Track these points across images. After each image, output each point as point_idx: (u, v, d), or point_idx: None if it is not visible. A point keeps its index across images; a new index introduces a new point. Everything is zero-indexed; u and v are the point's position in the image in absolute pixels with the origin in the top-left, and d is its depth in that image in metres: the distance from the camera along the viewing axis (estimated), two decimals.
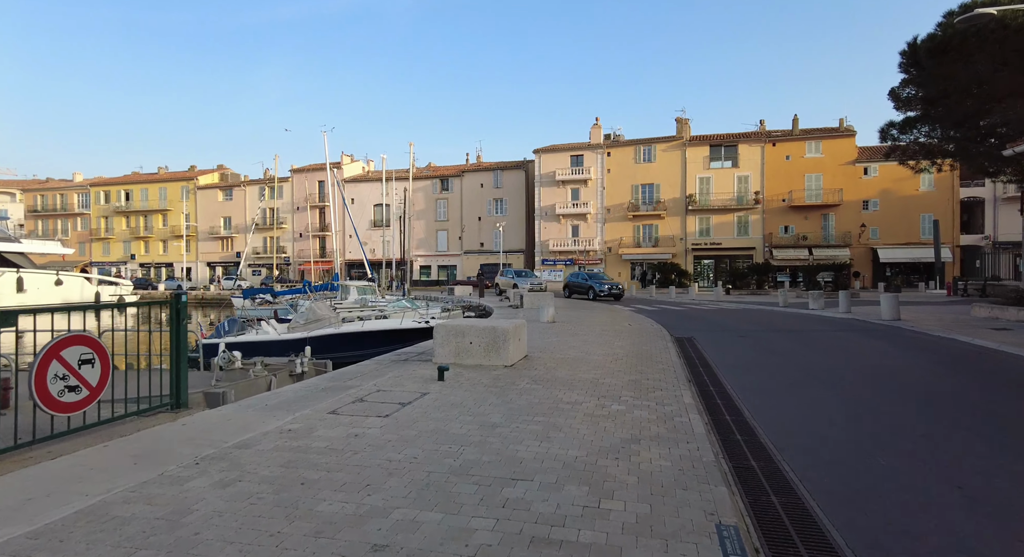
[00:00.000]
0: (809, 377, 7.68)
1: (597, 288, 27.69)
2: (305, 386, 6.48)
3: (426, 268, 56.06)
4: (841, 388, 6.96)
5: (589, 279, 29.16)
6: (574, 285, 29.87)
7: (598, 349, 9.82)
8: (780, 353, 9.80)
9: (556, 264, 49.92)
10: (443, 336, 8.02)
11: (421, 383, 6.64)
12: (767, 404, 6.12)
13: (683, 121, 47.61)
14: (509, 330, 7.87)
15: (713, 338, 12.17)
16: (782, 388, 7.00)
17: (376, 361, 8.34)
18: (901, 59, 17.74)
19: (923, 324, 13.36)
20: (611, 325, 14.52)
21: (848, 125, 44.69)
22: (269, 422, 4.92)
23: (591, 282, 28.47)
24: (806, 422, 5.39)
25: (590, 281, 28.77)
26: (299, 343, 14.43)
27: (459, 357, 7.97)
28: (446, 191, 55.40)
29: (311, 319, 14.93)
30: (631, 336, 12.00)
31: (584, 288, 28.60)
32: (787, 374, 7.92)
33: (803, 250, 43.45)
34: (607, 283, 28.43)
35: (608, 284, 28.25)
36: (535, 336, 11.63)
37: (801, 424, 5.33)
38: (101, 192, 65.19)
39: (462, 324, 8.00)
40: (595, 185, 48.95)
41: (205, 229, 63.08)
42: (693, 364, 8.60)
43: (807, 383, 7.30)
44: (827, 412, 5.77)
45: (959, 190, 41.41)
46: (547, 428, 4.77)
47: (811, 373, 7.97)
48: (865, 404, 6.11)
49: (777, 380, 7.49)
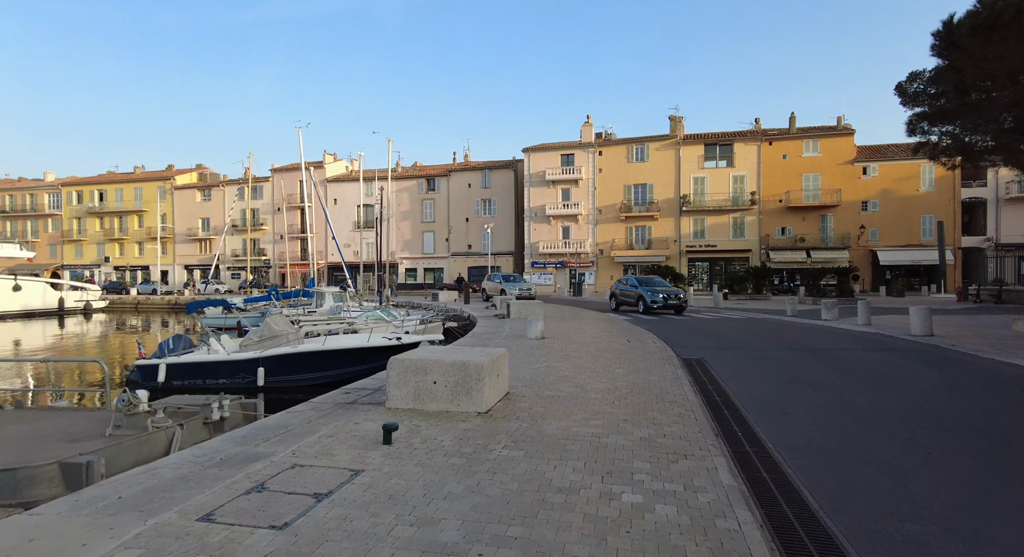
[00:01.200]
0: (872, 427, 6.00)
1: (649, 298, 21.45)
2: (195, 457, 4.69)
3: (412, 271, 54.19)
4: (925, 450, 5.26)
5: (639, 286, 22.73)
6: (622, 295, 23.69)
7: (596, 380, 8.09)
8: (817, 386, 8.12)
9: (546, 267, 48.27)
10: (399, 374, 6.26)
11: (359, 449, 4.87)
12: (834, 479, 4.41)
13: (677, 119, 46.13)
14: (484, 366, 6.12)
15: (726, 360, 10.50)
16: (844, 447, 5.30)
17: (314, 405, 6.55)
18: (934, 41, 16.21)
19: (965, 342, 11.76)
20: (608, 342, 12.82)
21: (846, 124, 43.43)
22: (94, 548, 3.14)
23: (641, 289, 22.23)
24: (908, 517, 3.68)
25: (640, 288, 22.44)
26: (251, 364, 12.63)
27: (420, 401, 6.22)
28: (432, 191, 53.57)
29: (266, 335, 13.10)
30: (632, 358, 10.29)
31: (633, 298, 22.56)
32: (841, 422, 6.23)
33: (801, 252, 42.11)
34: (662, 290, 22.02)
35: (663, 291, 21.90)
36: (520, 360, 9.89)
37: (900, 523, 3.61)
38: (73, 192, 62.67)
39: (424, 358, 6.25)
40: (586, 185, 47.34)
41: (183, 231, 60.79)
42: (714, 404, 6.90)
43: (876, 439, 5.61)
44: (932, 497, 4.07)
45: (960, 190, 40.23)
46: (527, 552, 3.03)
47: (872, 421, 6.29)
48: (976, 484, 4.42)
49: (832, 433, 5.79)
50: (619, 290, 24.04)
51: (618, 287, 24.30)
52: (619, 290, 24.04)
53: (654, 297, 21.45)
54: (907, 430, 5.87)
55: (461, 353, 6.68)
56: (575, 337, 13.71)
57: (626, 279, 24.43)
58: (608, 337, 13.81)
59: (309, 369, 12.59)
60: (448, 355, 6.43)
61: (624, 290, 23.53)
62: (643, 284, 22.83)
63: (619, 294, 23.91)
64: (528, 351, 11.16)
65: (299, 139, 32.86)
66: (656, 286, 22.59)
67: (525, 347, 11.77)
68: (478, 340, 13.05)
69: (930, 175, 40.58)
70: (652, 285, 22.66)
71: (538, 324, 13.16)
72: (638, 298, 21.97)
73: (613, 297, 24.40)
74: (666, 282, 24.35)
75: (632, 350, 11.43)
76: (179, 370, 12.55)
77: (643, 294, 21.74)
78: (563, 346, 12.00)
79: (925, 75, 26.66)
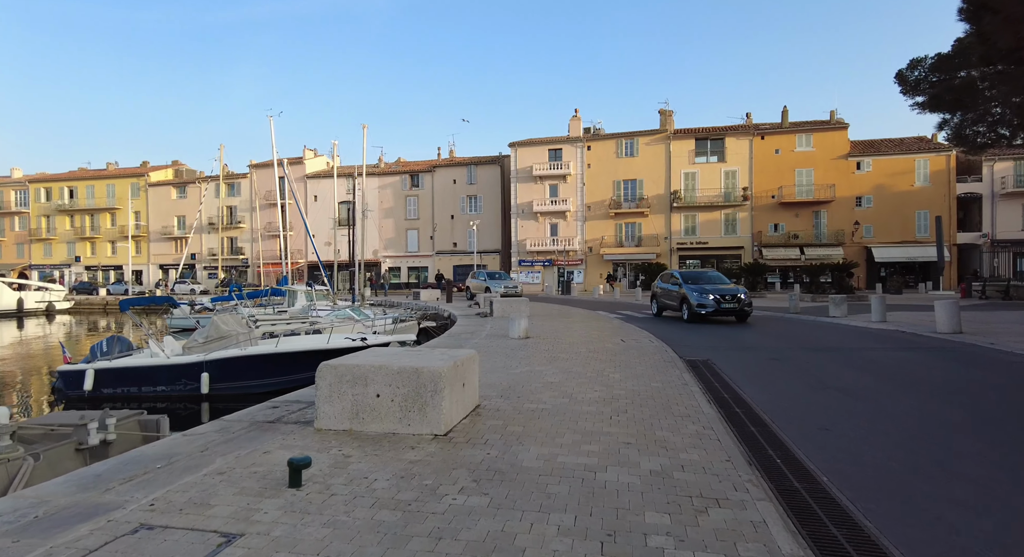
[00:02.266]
0: (941, 447, 4.63)
1: (695, 300, 15.58)
2: (16, 506, 3.18)
3: (395, 270, 52.53)
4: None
5: (683, 283, 16.65)
6: (664, 295, 17.94)
7: (587, 389, 6.67)
8: (851, 393, 6.77)
9: (534, 265, 46.89)
10: (332, 384, 4.80)
11: (252, 496, 3.40)
12: (937, 536, 3.02)
13: (666, 113, 44.96)
14: (444, 374, 4.67)
15: (737, 362, 9.13)
16: (922, 479, 3.92)
17: (224, 425, 5.06)
18: (962, 4, 14.96)
19: (1006, 340, 10.49)
20: (600, 341, 11.42)
21: (839, 118, 42.52)
22: None
23: (685, 288, 16.28)
24: None
25: (684, 286, 16.38)
26: (194, 368, 11.07)
27: (359, 420, 4.75)
28: (416, 187, 51.96)
29: (213, 336, 11.53)
30: (629, 360, 8.90)
31: (675, 300, 16.85)
32: (899, 441, 4.85)
33: (794, 249, 41.11)
34: (713, 289, 15.91)
35: (716, 291, 15.79)
36: (498, 364, 8.45)
37: None
38: (42, 189, 60.23)
39: (364, 364, 4.78)
40: (575, 181, 46.02)
41: (157, 229, 58.62)
42: (735, 418, 5.50)
43: (957, 465, 4.23)
44: None
45: (956, 186, 39.44)
46: None
47: (935, 437, 4.92)
48: None
49: (896, 457, 4.41)
50: (661, 289, 18.24)
51: (660, 285, 18.42)
52: (661, 289, 18.24)
53: (702, 299, 15.40)
54: (989, 449, 4.50)
55: (417, 357, 5.23)
56: (563, 336, 12.30)
57: (671, 274, 18.11)
58: (599, 336, 12.42)
59: (261, 374, 11.06)
60: (397, 359, 4.97)
61: (666, 289, 17.70)
62: (689, 280, 16.60)
63: (660, 294, 18.19)
64: (509, 352, 9.73)
65: (271, 129, 31.23)
66: (706, 283, 16.39)
67: (506, 348, 10.34)
68: (454, 340, 11.60)
69: (925, 170, 39.77)
70: (701, 281, 16.59)
71: (521, 322, 11.74)
72: (681, 300, 16.22)
73: (654, 298, 18.84)
74: (722, 277, 17.47)
75: (627, 351, 10.04)
76: (110, 376, 10.98)
77: (687, 294, 15.82)
78: (549, 346, 10.58)
79: (927, 62, 25.65)
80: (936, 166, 39.60)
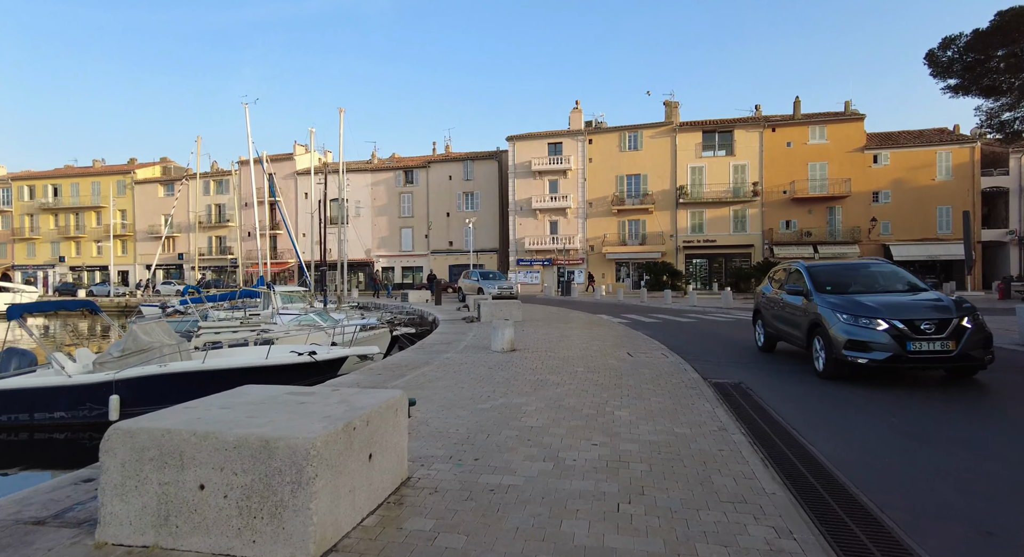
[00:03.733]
0: None
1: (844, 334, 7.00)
2: None
3: (389, 269, 50.46)
4: None
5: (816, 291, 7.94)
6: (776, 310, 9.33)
7: (583, 439, 4.57)
8: (981, 447, 4.65)
9: (533, 264, 44.78)
10: (124, 465, 2.72)
11: None
12: None
13: (672, 105, 42.80)
14: (316, 448, 2.59)
15: (782, 388, 7.02)
16: None
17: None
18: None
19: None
20: (601, 356, 9.30)
21: (854, 109, 40.30)
22: None
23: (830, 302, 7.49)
24: None
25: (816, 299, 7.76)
26: (101, 390, 8.97)
27: (167, 529, 2.66)
28: (411, 184, 49.89)
29: (130, 349, 9.46)
30: (639, 384, 6.79)
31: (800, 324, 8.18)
32: None
33: (807, 247, 38.88)
34: (900, 302, 7.17)
35: (908, 305, 7.05)
36: (465, 393, 6.35)
37: None
38: (25, 187, 58.32)
39: (178, 430, 2.69)
40: (575, 176, 43.88)
41: (144, 228, 56.64)
42: (819, 502, 3.38)
43: None
44: None
45: (980, 179, 37.19)
46: None
47: None
48: None
49: None
50: (772, 301, 9.52)
51: (769, 295, 9.70)
52: (772, 301, 9.52)
53: (857, 329, 6.94)
54: None
55: (286, 412, 3.12)
56: (557, 348, 10.19)
57: (794, 270, 9.03)
58: (601, 348, 10.30)
59: (184, 396, 8.94)
60: (237, 423, 2.83)
61: (782, 302, 9.01)
62: (829, 285, 8.10)
63: (771, 309, 9.56)
64: (486, 373, 7.62)
65: (246, 118, 29.23)
66: (865, 289, 7.97)
67: (484, 365, 8.23)
68: (422, 354, 9.50)
69: (947, 163, 37.52)
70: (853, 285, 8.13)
71: (506, 332, 9.63)
72: (811, 327, 7.75)
73: (758, 317, 10.16)
74: (899, 273, 8.38)
75: (636, 369, 7.92)
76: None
77: (823, 316, 7.42)
78: (538, 363, 8.48)
79: (961, 41, 23.39)
80: (959, 159, 37.35)
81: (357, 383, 6.95)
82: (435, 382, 6.94)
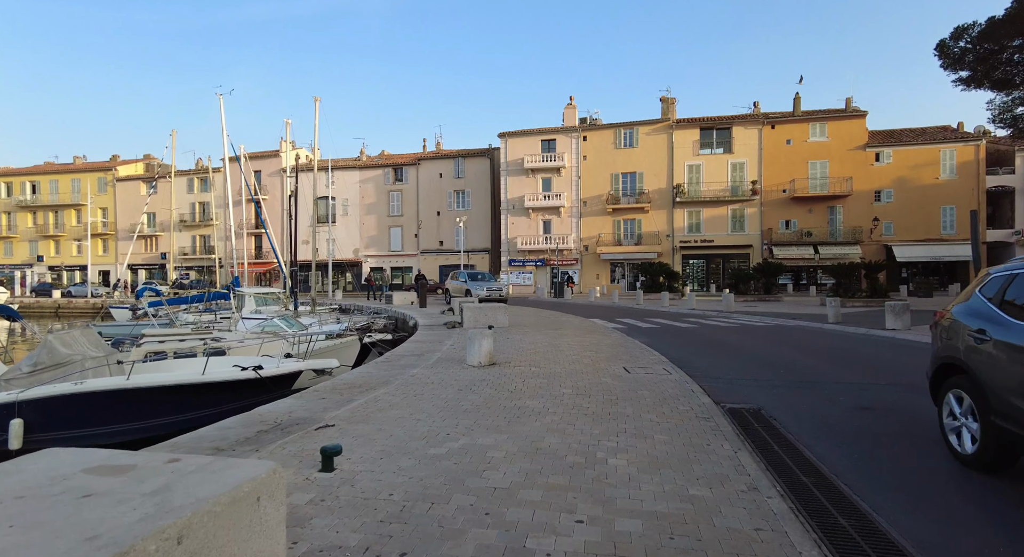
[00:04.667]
0: None
1: None
2: None
3: (378, 270, 49.01)
4: None
5: None
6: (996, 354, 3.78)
7: (562, 512, 3.26)
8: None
9: (525, 265, 43.46)
10: None
11: None
12: None
13: (669, 101, 41.57)
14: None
15: (811, 415, 5.76)
16: None
17: None
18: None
19: None
20: (594, 372, 8.00)
21: (856, 106, 39.20)
22: None
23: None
24: None
25: None
26: (3, 412, 7.59)
27: None
28: (400, 182, 48.47)
29: (44, 363, 8.10)
30: (638, 414, 5.50)
31: None
32: None
33: (807, 248, 37.75)
34: None
35: None
36: (420, 428, 5.02)
37: None
38: (2, 184, 56.56)
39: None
40: (569, 174, 42.59)
41: (126, 227, 54.90)
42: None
43: None
44: None
45: (985, 178, 36.15)
46: None
47: None
48: None
49: None
50: (994, 348, 3.84)
51: (968, 314, 4.34)
52: (994, 348, 3.84)
53: None
54: None
55: (36, 519, 1.78)
56: (543, 362, 8.88)
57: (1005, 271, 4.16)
58: (593, 361, 9.00)
59: (105, 419, 7.64)
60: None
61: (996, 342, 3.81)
62: None
63: (993, 363, 3.83)
64: (452, 397, 6.31)
65: (221, 109, 27.85)
66: None
67: (452, 386, 6.92)
68: (387, 368, 8.17)
69: (951, 161, 36.47)
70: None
71: (483, 343, 8.32)
72: None
73: (952, 378, 4.41)
74: None
75: (635, 391, 6.63)
76: None
77: None
78: (519, 382, 7.17)
79: (974, 30, 22.21)
80: (963, 157, 36.30)
81: (290, 411, 5.62)
82: (386, 411, 5.62)
